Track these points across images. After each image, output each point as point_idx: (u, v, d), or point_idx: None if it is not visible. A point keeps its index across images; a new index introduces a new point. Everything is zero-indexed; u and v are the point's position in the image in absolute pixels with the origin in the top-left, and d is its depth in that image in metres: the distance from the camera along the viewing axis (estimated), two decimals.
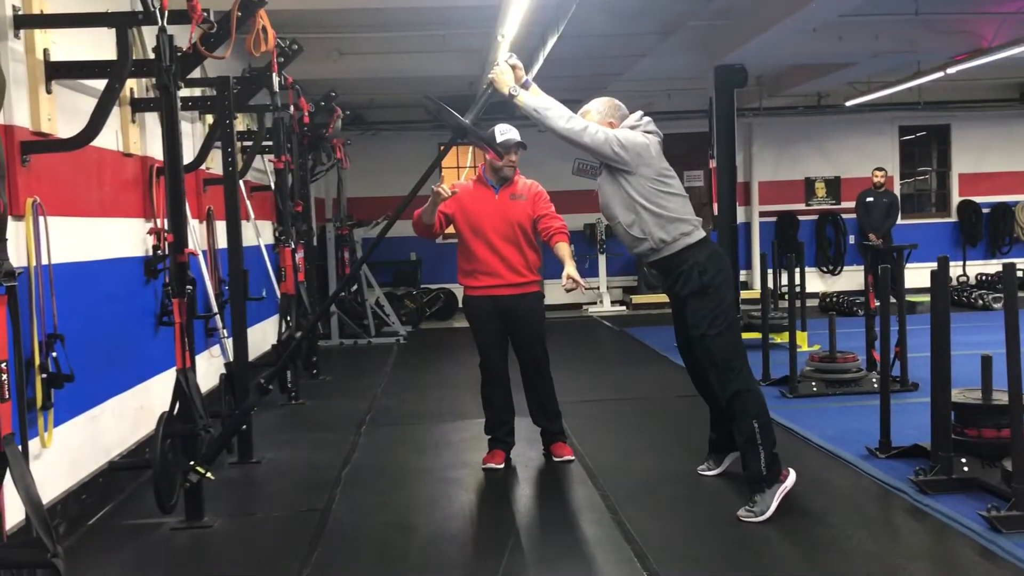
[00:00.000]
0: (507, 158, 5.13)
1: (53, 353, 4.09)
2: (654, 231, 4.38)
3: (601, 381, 8.02)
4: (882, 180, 12.49)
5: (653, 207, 4.38)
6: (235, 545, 4.25)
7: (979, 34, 9.54)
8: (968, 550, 3.78)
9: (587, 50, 9.34)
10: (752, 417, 4.25)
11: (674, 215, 4.39)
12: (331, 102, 8.65)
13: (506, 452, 5.32)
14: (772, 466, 4.24)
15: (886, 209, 12.34)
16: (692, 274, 4.35)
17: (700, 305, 4.35)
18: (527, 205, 5.20)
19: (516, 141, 5.15)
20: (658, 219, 4.38)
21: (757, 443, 4.23)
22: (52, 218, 4.19)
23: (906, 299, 6.88)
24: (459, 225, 5.24)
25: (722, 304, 4.36)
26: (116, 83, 4.04)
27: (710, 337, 4.32)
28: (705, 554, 3.91)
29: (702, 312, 4.35)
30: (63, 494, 4.30)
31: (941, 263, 4.54)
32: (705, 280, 4.33)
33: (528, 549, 4.03)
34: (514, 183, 5.24)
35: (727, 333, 4.34)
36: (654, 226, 4.38)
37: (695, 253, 4.38)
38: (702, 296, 4.34)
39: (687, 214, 4.45)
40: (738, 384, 4.29)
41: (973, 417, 4.67)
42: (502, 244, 5.14)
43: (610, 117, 4.58)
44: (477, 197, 5.22)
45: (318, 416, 6.99)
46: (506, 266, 5.15)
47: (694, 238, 4.41)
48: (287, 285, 6.85)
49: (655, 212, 4.38)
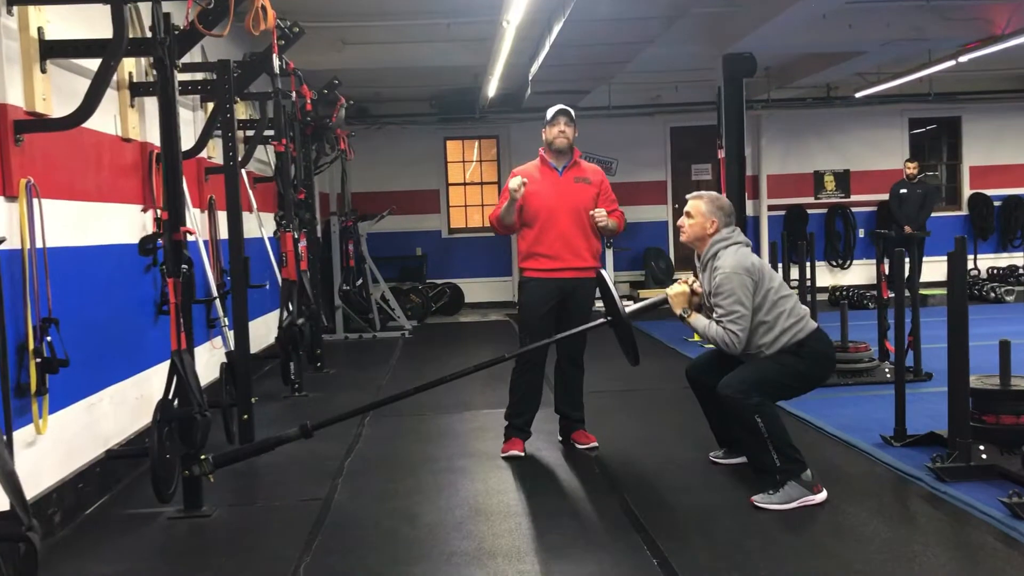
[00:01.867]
0: (555, 128, 5.09)
1: (48, 338, 3.99)
2: (766, 340, 4.29)
3: (609, 373, 7.89)
4: (915, 171, 12.44)
5: (768, 321, 4.29)
6: (234, 534, 4.16)
7: (992, 21, 9.38)
8: (988, 537, 3.67)
9: (593, 36, 9.23)
10: (753, 412, 4.12)
11: (786, 322, 4.29)
12: (334, 90, 8.54)
13: (524, 441, 5.21)
14: (788, 458, 4.11)
15: (920, 200, 12.28)
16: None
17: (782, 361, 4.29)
18: (593, 190, 5.14)
19: (559, 109, 5.08)
20: (770, 330, 4.29)
21: (763, 436, 4.11)
22: (47, 201, 4.11)
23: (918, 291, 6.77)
24: (525, 208, 5.13)
25: (795, 374, 4.31)
26: (111, 61, 3.93)
27: (754, 372, 4.26)
28: (716, 541, 3.80)
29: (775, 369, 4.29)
30: (59, 482, 4.21)
31: (959, 244, 4.41)
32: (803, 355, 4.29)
33: (535, 537, 3.93)
34: (579, 165, 5.19)
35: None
36: (765, 337, 4.28)
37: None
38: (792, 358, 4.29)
39: (796, 312, 4.33)
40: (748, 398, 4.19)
41: (991, 403, 4.57)
42: (567, 227, 5.08)
43: (717, 212, 4.46)
44: (542, 180, 5.15)
45: (321, 408, 6.87)
46: (569, 249, 5.08)
47: (804, 334, 4.31)
48: (288, 271, 6.74)
49: (767, 324, 4.29)
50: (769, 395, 4.22)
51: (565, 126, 5.10)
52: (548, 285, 5.10)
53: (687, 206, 4.55)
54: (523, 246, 5.23)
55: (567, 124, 5.11)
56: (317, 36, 8.90)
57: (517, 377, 5.22)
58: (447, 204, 14.87)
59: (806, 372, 4.32)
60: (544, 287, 5.11)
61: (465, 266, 14.32)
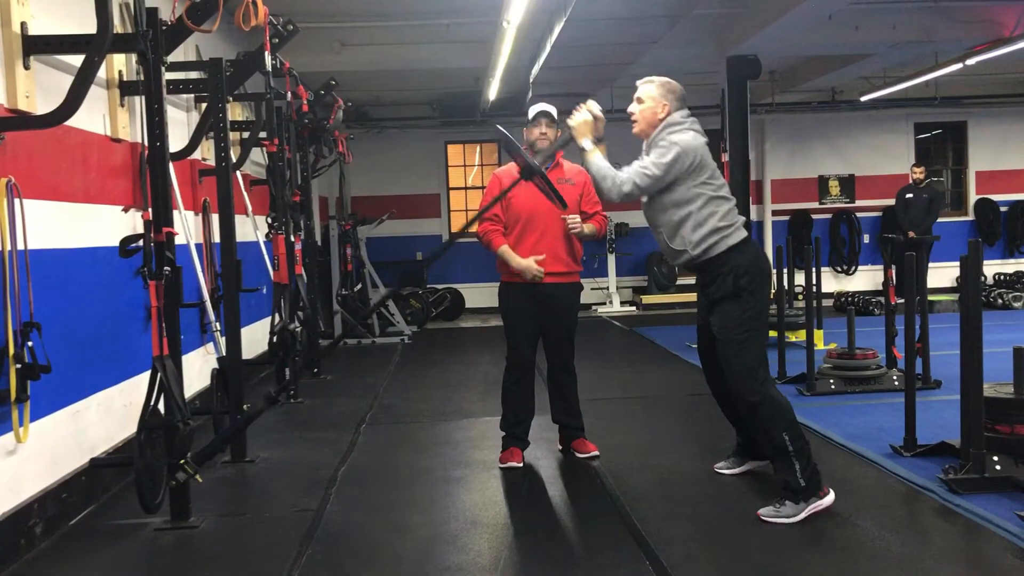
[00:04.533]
0: (536, 130, 4.95)
1: (29, 343, 3.85)
2: (694, 239, 4.11)
3: (611, 381, 7.77)
4: (921, 176, 12.29)
5: (697, 217, 4.11)
6: (221, 546, 4.01)
7: (1000, 23, 9.25)
8: (1006, 553, 3.51)
9: (595, 36, 9.10)
10: (782, 430, 3.97)
11: (718, 223, 4.10)
12: (331, 92, 8.41)
13: (522, 451, 5.07)
14: (811, 477, 3.97)
15: (926, 205, 12.13)
16: (728, 278, 4.09)
17: (731, 307, 4.09)
18: (575, 191, 4.98)
19: (539, 110, 4.93)
20: (700, 228, 4.10)
21: (790, 454, 3.96)
22: (30, 201, 3.98)
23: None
24: (506, 211, 4.98)
25: (754, 309, 4.09)
26: (95, 57, 3.79)
27: (735, 342, 4.06)
28: (722, 556, 3.64)
29: (732, 315, 4.08)
30: (41, 492, 4.07)
31: (972, 248, 4.26)
32: (741, 284, 4.07)
33: (532, 551, 3.78)
34: (561, 166, 5.04)
35: (753, 339, 4.08)
36: (696, 236, 4.11)
37: (735, 255, 4.11)
38: (735, 299, 4.08)
39: (731, 219, 4.15)
40: (760, 394, 4.02)
41: (1005, 413, 4.41)
42: (548, 230, 4.92)
43: (668, 96, 4.25)
44: (523, 182, 4.97)
45: (317, 415, 6.77)
46: (551, 254, 4.92)
47: (734, 239, 4.12)
48: (280, 274, 6.60)
49: (699, 221, 4.10)
50: (758, 344, 4.08)
51: (546, 127, 4.96)
52: (528, 290, 4.94)
53: (637, 92, 4.31)
54: None
55: (548, 125, 4.96)
56: (315, 37, 8.79)
57: (509, 385, 5.08)
58: (448, 208, 14.75)
59: (762, 301, 4.14)
60: (522, 293, 4.96)
61: (466, 271, 14.17)
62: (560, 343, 5.09)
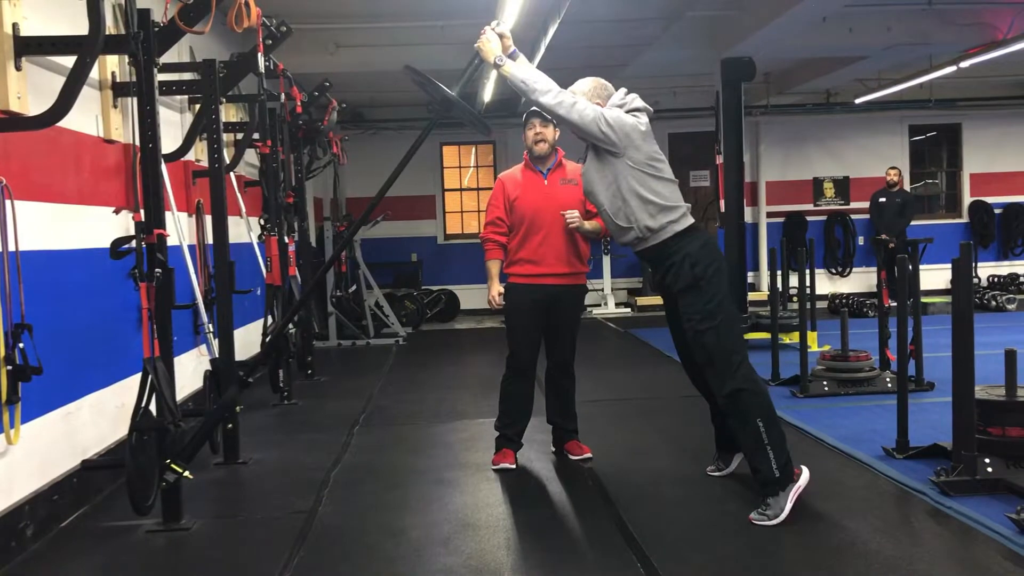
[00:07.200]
0: (530, 131, 4.95)
1: (20, 344, 3.84)
2: (641, 218, 4.13)
3: (605, 382, 7.77)
4: (896, 179, 12.23)
5: (641, 193, 4.14)
6: (213, 548, 4.00)
7: (994, 26, 9.28)
8: (996, 554, 3.52)
9: (590, 38, 9.11)
10: (755, 416, 3.98)
11: (662, 202, 4.14)
12: (325, 93, 8.40)
13: (515, 452, 5.07)
14: (784, 467, 3.98)
15: (899, 209, 12.09)
16: (683, 266, 4.10)
17: (694, 299, 4.10)
18: (579, 191, 4.95)
19: (531, 111, 4.93)
20: (645, 206, 4.13)
21: (764, 444, 3.97)
22: (21, 202, 3.97)
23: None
24: (511, 213, 4.99)
25: (716, 297, 4.09)
26: (87, 58, 3.78)
27: (705, 332, 4.06)
28: (713, 558, 3.64)
29: (696, 306, 4.09)
30: (32, 494, 4.06)
31: (964, 251, 4.26)
32: (697, 272, 4.08)
33: (524, 553, 3.78)
34: (563, 167, 5.04)
35: (723, 327, 4.07)
36: (641, 213, 4.13)
37: (686, 243, 4.13)
38: (695, 290, 4.09)
39: (676, 200, 4.20)
40: (737, 382, 4.02)
41: (997, 415, 4.42)
42: (553, 232, 4.91)
43: (596, 98, 4.33)
44: (527, 185, 5.01)
45: (310, 416, 6.76)
46: (554, 254, 4.92)
47: (682, 225, 4.16)
48: (273, 276, 6.58)
49: (643, 198, 4.13)
50: (731, 330, 4.10)
51: (541, 127, 4.95)
52: (532, 291, 4.95)
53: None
54: (509, 252, 5.10)
55: (542, 125, 4.95)
56: (309, 39, 8.78)
57: (507, 386, 5.08)
58: (443, 210, 14.74)
59: (723, 287, 4.14)
60: (528, 293, 4.96)
61: (461, 272, 14.17)
62: (562, 344, 5.08)
